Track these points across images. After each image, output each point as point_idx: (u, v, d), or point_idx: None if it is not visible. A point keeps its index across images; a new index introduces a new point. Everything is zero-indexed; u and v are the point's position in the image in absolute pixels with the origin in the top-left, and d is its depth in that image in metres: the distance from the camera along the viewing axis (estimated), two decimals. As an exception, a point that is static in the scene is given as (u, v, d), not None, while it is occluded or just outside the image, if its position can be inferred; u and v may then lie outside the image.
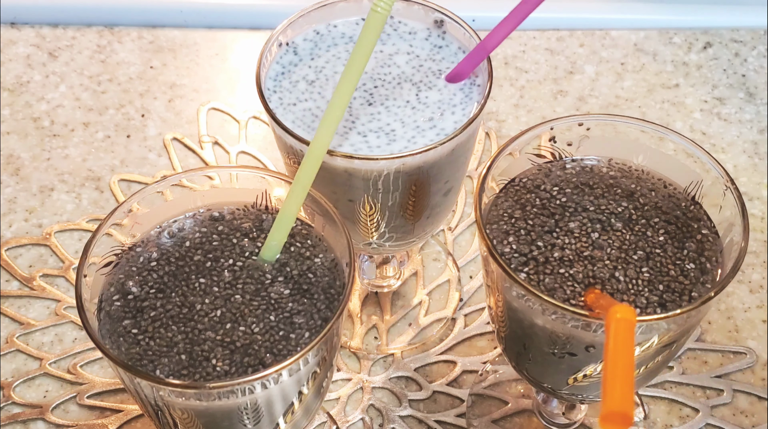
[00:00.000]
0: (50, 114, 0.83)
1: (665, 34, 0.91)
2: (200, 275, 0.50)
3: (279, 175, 0.53)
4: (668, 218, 0.52)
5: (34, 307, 0.70)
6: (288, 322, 0.48)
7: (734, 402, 0.65)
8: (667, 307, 0.48)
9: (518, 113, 0.84)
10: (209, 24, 0.91)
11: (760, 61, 0.88)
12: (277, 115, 0.55)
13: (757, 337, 0.69)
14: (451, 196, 0.60)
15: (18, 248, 0.73)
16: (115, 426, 0.64)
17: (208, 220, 0.53)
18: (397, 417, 0.65)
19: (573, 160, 0.56)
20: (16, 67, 0.86)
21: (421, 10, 0.60)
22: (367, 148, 0.53)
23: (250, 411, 0.47)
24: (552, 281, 0.49)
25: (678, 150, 0.54)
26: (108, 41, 0.89)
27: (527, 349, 0.52)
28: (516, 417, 0.65)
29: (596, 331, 0.47)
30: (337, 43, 0.59)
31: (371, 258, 0.70)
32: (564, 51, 0.89)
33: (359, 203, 0.55)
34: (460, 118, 0.55)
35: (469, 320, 0.70)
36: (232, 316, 0.48)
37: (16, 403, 0.65)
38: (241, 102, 0.84)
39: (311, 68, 0.58)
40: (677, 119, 0.83)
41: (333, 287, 0.50)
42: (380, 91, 0.56)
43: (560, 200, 0.53)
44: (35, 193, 0.77)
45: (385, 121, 0.55)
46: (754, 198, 0.77)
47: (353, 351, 0.68)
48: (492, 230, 0.52)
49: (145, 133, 0.81)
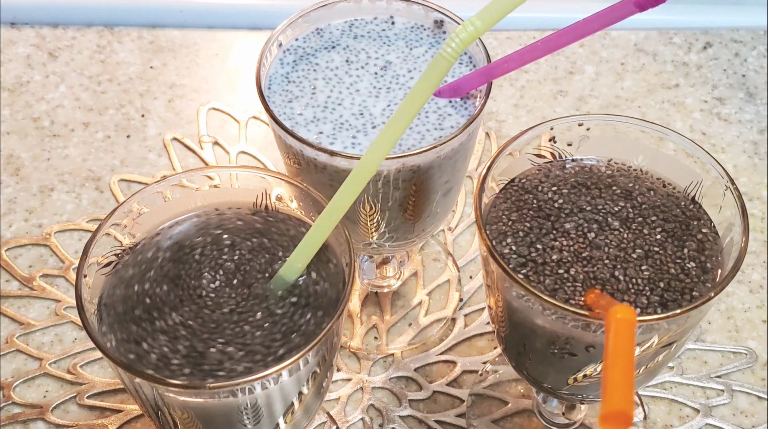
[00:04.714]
0: (50, 114, 0.83)
1: (665, 34, 0.91)
2: (200, 275, 0.50)
3: (279, 175, 0.53)
4: (668, 217, 0.52)
5: (34, 307, 0.70)
6: (288, 322, 0.48)
7: (734, 402, 0.65)
8: (668, 306, 0.48)
9: (518, 113, 0.84)
10: (209, 24, 0.91)
11: (760, 61, 0.88)
12: (277, 115, 0.55)
13: (757, 337, 0.69)
14: (451, 196, 0.60)
15: (18, 248, 0.73)
16: (115, 426, 0.64)
17: (209, 221, 0.53)
18: (397, 417, 0.65)
19: (573, 160, 0.56)
20: (16, 67, 0.86)
21: (421, 10, 0.60)
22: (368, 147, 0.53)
23: (250, 411, 0.47)
24: (552, 281, 0.49)
25: (678, 150, 0.54)
26: (108, 41, 0.89)
27: (527, 349, 0.52)
28: (516, 417, 0.65)
29: (596, 331, 0.47)
30: (338, 43, 0.60)
31: (371, 258, 0.70)
32: (564, 51, 0.89)
33: (359, 203, 0.55)
34: (460, 118, 0.55)
35: (469, 320, 0.70)
36: (232, 316, 0.48)
37: (16, 403, 0.65)
38: (241, 102, 0.84)
39: (311, 68, 0.58)
40: (677, 119, 0.83)
41: (333, 287, 0.50)
42: (382, 92, 0.57)
43: (558, 202, 0.53)
44: (35, 193, 0.77)
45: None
46: (754, 198, 0.77)
47: (353, 351, 0.68)
48: (492, 230, 0.52)
49: (145, 133, 0.81)
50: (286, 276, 0.49)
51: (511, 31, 0.91)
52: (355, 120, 0.55)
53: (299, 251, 0.48)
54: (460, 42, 0.43)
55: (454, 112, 0.56)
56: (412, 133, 0.54)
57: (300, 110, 0.56)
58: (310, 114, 0.56)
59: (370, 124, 0.55)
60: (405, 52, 0.59)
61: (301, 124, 0.55)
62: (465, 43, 0.43)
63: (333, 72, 0.58)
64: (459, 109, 0.56)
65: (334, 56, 0.59)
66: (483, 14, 0.43)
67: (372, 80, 0.57)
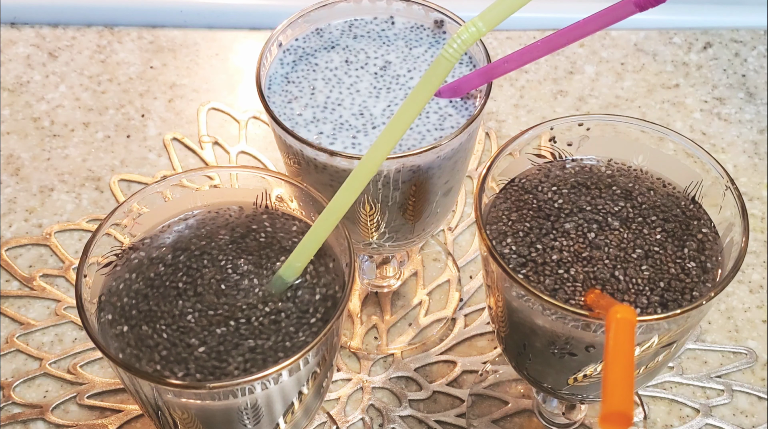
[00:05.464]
0: (50, 114, 0.83)
1: (665, 34, 0.91)
2: (200, 275, 0.50)
3: (279, 175, 0.53)
4: (668, 217, 0.52)
5: (34, 307, 0.70)
6: (288, 322, 0.48)
7: (734, 402, 0.66)
8: (668, 306, 0.48)
9: (518, 113, 0.84)
10: (209, 24, 0.91)
11: (760, 61, 0.88)
12: (277, 115, 0.55)
13: (757, 337, 0.69)
14: (451, 196, 0.60)
15: (18, 248, 0.73)
16: (115, 426, 0.64)
17: (209, 220, 0.53)
18: (397, 417, 0.65)
19: (573, 160, 0.56)
20: (16, 67, 0.86)
21: (421, 10, 0.60)
22: (368, 148, 0.53)
23: (250, 411, 0.47)
24: (552, 281, 0.49)
25: (678, 150, 0.54)
26: (108, 41, 0.89)
27: (527, 349, 0.52)
28: (516, 417, 0.65)
29: (596, 331, 0.47)
30: (337, 43, 0.60)
31: (371, 258, 0.70)
32: (564, 51, 0.89)
33: (359, 203, 0.55)
34: (461, 118, 0.55)
35: (469, 320, 0.70)
36: (232, 316, 0.48)
37: (16, 403, 0.65)
38: (241, 102, 0.84)
39: (311, 68, 0.58)
40: (677, 119, 0.83)
41: (333, 287, 0.50)
42: (382, 92, 0.57)
43: (558, 202, 0.53)
44: (35, 193, 0.77)
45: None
46: (754, 198, 0.77)
47: (353, 351, 0.68)
48: (492, 230, 0.52)
49: (145, 133, 0.81)
50: (286, 276, 0.49)
51: (511, 31, 0.91)
52: (355, 120, 0.55)
53: (299, 251, 0.48)
54: (462, 43, 0.43)
55: (455, 113, 0.56)
56: (413, 133, 0.54)
57: (300, 110, 0.56)
58: (310, 114, 0.56)
59: (371, 125, 0.55)
60: (405, 52, 0.59)
61: (301, 125, 0.55)
62: (467, 44, 0.43)
63: (332, 72, 0.58)
64: (460, 110, 0.56)
65: (334, 56, 0.59)
66: (485, 15, 0.43)
67: (372, 80, 0.57)
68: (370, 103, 0.56)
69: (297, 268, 0.49)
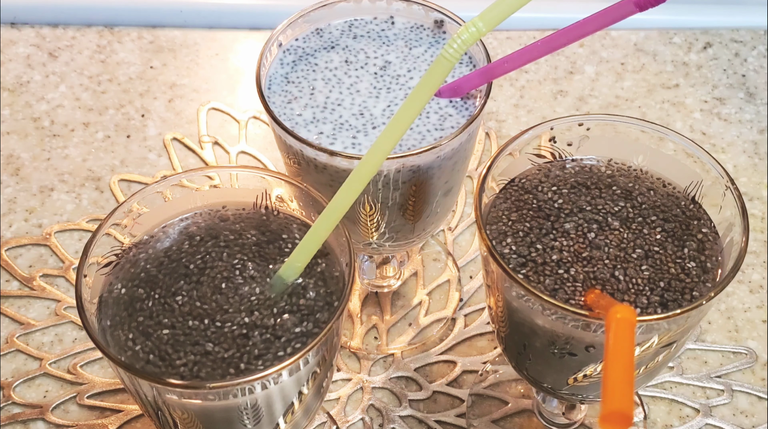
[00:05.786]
0: (50, 114, 0.83)
1: (665, 34, 0.91)
2: (200, 275, 0.50)
3: (279, 175, 0.53)
4: (668, 217, 0.52)
5: (34, 307, 0.70)
6: (288, 322, 0.48)
7: (734, 402, 0.66)
8: (668, 306, 0.48)
9: (518, 113, 0.84)
10: (209, 24, 0.91)
11: (760, 61, 0.88)
12: (277, 115, 0.55)
13: (757, 337, 0.69)
14: (451, 196, 0.60)
15: (18, 248, 0.73)
16: (115, 426, 0.64)
17: (209, 220, 0.53)
18: (397, 417, 0.65)
19: (573, 160, 0.56)
20: (16, 67, 0.86)
21: (421, 10, 0.60)
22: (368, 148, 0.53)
23: (250, 411, 0.47)
24: (552, 281, 0.49)
25: (678, 150, 0.54)
26: (108, 41, 0.89)
27: (527, 349, 0.52)
28: (516, 417, 0.65)
29: (596, 331, 0.47)
30: (337, 43, 0.60)
31: (371, 258, 0.70)
32: (564, 51, 0.89)
33: (359, 203, 0.55)
34: (461, 118, 0.55)
35: (469, 320, 0.70)
36: (232, 316, 0.48)
37: (16, 403, 0.65)
38: (241, 102, 0.84)
39: (311, 68, 0.58)
40: (677, 119, 0.83)
41: (333, 287, 0.50)
42: (382, 92, 0.57)
43: (558, 202, 0.53)
44: (35, 193, 0.77)
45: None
46: (754, 198, 0.77)
47: (353, 351, 0.68)
48: (492, 230, 0.52)
49: (145, 133, 0.81)
50: (286, 276, 0.49)
51: (511, 31, 0.91)
52: (355, 120, 0.55)
53: (299, 251, 0.48)
54: (462, 43, 0.43)
55: (455, 113, 0.56)
56: (413, 133, 0.54)
57: (300, 110, 0.56)
58: (310, 114, 0.56)
59: (371, 125, 0.55)
60: (405, 52, 0.59)
61: (301, 125, 0.55)
62: (467, 44, 0.43)
63: (332, 72, 0.58)
64: (460, 110, 0.56)
65: (334, 56, 0.59)
66: (485, 15, 0.43)
67: (372, 80, 0.57)
68: (370, 103, 0.56)
69: (297, 268, 0.49)
